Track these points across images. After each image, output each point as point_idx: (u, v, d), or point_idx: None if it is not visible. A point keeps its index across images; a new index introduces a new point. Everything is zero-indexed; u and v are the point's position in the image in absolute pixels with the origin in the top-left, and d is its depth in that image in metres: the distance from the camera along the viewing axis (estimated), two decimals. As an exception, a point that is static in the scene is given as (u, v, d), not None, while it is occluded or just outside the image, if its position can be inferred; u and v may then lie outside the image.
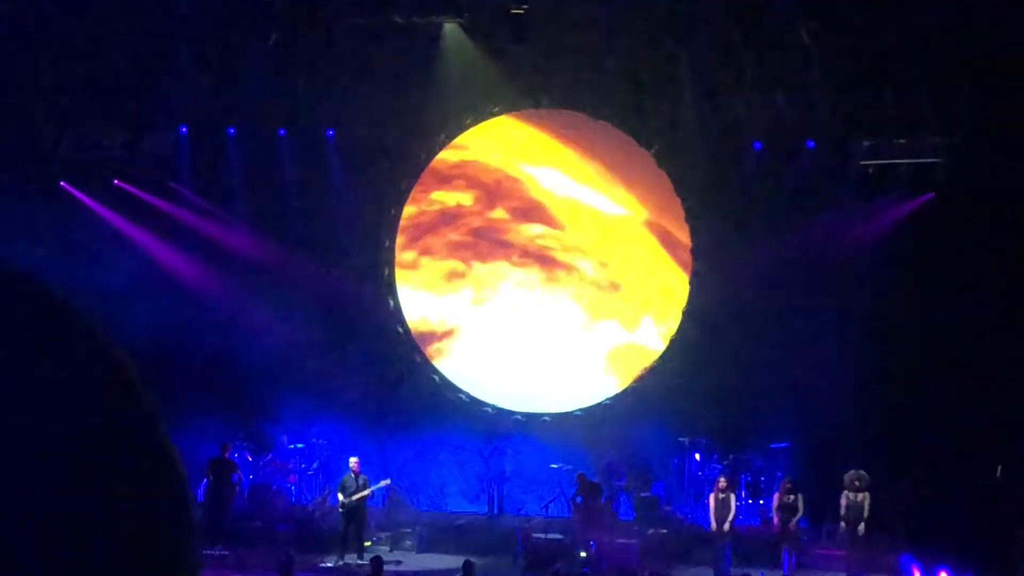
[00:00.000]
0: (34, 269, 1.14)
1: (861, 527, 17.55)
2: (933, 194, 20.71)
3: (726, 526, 17.96)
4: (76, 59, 21.08)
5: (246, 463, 21.16)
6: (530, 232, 23.42)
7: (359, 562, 18.18)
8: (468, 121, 23.05)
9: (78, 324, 1.11)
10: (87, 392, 1.08)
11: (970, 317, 19.70)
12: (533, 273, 23.34)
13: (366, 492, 18.90)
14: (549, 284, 23.29)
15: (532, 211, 23.43)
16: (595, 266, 23.22)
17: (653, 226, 23.15)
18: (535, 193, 23.41)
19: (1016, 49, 19.12)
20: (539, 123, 23.14)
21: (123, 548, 1.05)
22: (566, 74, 22.22)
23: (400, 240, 23.46)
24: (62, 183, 22.35)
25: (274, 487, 21.13)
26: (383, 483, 19.65)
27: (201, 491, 20.17)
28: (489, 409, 22.93)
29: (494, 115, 23.03)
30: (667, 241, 23.10)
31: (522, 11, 21.15)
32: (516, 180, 23.47)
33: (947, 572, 15.97)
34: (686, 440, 21.07)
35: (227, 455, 20.07)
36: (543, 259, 23.34)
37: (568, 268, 23.28)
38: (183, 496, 1.13)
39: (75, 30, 20.81)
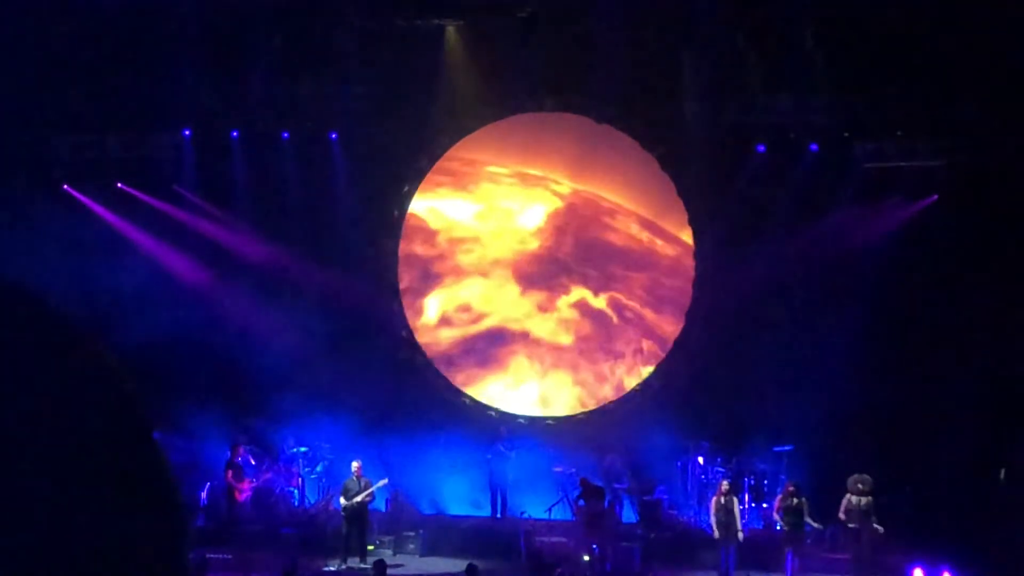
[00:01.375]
0: (34, 274, 1.13)
1: (874, 528, 17.48)
2: (936, 196, 20.70)
3: (739, 536, 17.88)
4: (79, 61, 21.08)
5: (250, 466, 21.13)
6: (533, 235, 23.43)
7: (362, 566, 18.14)
8: (471, 124, 23.04)
9: (71, 333, 1.10)
10: (79, 401, 1.07)
11: (974, 319, 19.68)
12: (539, 271, 23.34)
13: (367, 493, 18.86)
14: (554, 282, 23.28)
15: (532, 215, 23.43)
16: (599, 267, 23.18)
17: (656, 229, 23.12)
18: (535, 195, 23.42)
19: (1020, 51, 19.11)
20: (541, 126, 23.10)
21: (112, 555, 1.04)
22: (569, 77, 22.19)
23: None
24: (65, 186, 22.37)
25: (278, 491, 21.11)
26: (382, 482, 19.62)
27: (206, 494, 20.16)
28: (492, 412, 22.91)
29: (496, 118, 23.01)
30: (670, 244, 23.06)
31: (525, 14, 21.16)
32: (513, 185, 23.49)
33: (950, 573, 15.95)
34: (689, 443, 21.03)
35: (237, 457, 20.01)
36: (549, 260, 23.34)
37: (574, 271, 23.27)
38: (173, 504, 1.12)
39: (78, 32, 20.82)
